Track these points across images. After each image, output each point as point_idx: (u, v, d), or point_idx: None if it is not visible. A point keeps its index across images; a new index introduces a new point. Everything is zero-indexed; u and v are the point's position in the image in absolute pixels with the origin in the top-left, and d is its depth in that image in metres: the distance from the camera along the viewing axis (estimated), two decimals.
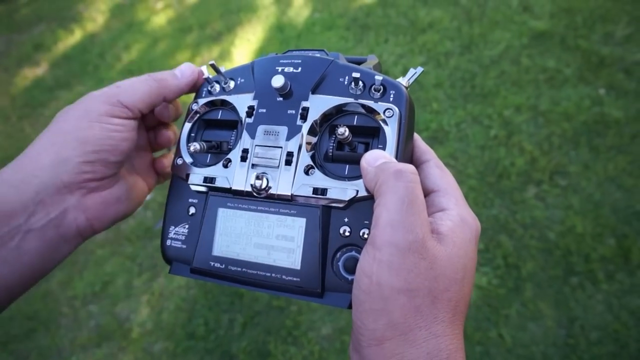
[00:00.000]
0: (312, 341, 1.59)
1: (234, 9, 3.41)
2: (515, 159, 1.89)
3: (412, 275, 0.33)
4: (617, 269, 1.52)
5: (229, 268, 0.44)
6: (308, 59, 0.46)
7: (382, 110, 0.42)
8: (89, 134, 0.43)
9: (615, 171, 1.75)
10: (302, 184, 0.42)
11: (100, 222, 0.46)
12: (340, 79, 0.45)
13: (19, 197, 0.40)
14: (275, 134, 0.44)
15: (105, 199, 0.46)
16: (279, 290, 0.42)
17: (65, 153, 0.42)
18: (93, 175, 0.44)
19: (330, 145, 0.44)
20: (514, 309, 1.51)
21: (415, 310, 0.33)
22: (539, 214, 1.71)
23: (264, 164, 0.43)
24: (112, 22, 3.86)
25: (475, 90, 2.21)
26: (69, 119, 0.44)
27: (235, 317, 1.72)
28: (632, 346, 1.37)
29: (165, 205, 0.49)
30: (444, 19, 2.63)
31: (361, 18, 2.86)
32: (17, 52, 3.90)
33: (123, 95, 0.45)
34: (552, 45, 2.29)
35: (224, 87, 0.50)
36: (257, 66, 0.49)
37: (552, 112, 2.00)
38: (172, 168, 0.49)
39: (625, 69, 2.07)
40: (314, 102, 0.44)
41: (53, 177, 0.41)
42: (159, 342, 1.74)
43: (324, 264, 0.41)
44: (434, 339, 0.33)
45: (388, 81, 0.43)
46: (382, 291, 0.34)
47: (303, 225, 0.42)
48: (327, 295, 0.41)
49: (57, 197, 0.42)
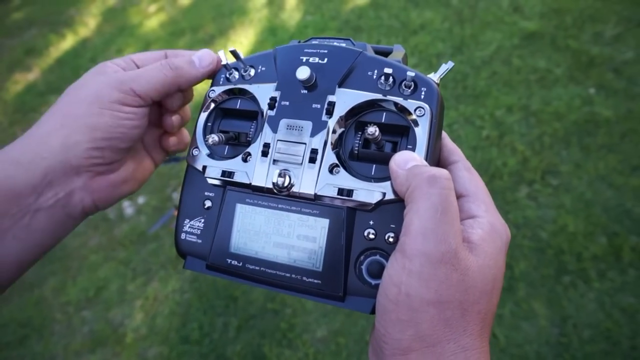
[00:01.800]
0: (307, 343, 1.59)
1: (227, 12, 3.41)
2: (507, 159, 1.90)
3: (443, 287, 0.32)
4: (608, 267, 1.53)
5: (246, 266, 0.42)
6: (335, 50, 0.44)
7: (414, 109, 0.40)
8: (100, 121, 0.43)
9: (606, 170, 1.77)
10: (326, 184, 0.40)
11: (105, 202, 0.47)
12: (369, 73, 0.42)
13: (28, 178, 0.40)
14: (299, 129, 0.42)
15: (112, 181, 0.46)
16: (299, 291, 0.41)
17: (75, 137, 0.42)
18: (102, 160, 0.44)
19: (356, 143, 0.42)
20: (507, 309, 1.52)
21: (445, 322, 0.32)
22: (531, 213, 1.72)
23: (286, 160, 0.42)
24: (104, 26, 3.85)
25: (467, 91, 2.22)
26: (80, 102, 0.43)
27: (229, 320, 1.72)
28: (624, 344, 1.38)
29: (180, 197, 0.47)
30: (435, 20, 2.65)
31: (353, 20, 2.87)
32: (8, 57, 3.88)
33: (136, 84, 0.44)
34: (542, 45, 2.30)
35: (244, 75, 0.47)
36: (279, 54, 0.46)
37: (543, 112, 2.01)
38: (188, 158, 0.47)
39: (615, 68, 2.09)
40: (341, 96, 0.42)
41: (62, 161, 0.41)
42: (153, 347, 1.73)
43: (347, 267, 0.39)
44: (462, 352, 0.32)
45: (420, 77, 0.41)
46: (411, 302, 0.33)
47: (326, 226, 0.40)
48: (348, 300, 0.39)
49: (65, 179, 0.42)
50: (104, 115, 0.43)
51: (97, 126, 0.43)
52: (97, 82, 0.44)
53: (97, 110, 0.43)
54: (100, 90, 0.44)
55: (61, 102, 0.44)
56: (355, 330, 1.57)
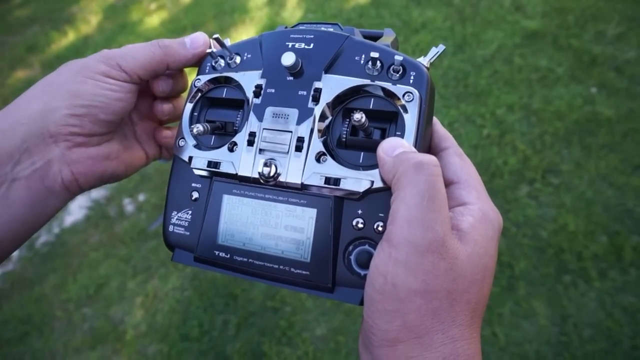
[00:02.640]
0: (306, 341, 1.59)
1: (228, 10, 3.41)
2: (508, 157, 1.90)
3: (430, 277, 0.32)
4: (609, 266, 1.53)
5: (234, 258, 0.41)
6: (321, 34, 0.43)
7: (402, 94, 0.39)
8: (81, 87, 0.42)
9: (607, 169, 1.76)
10: (313, 173, 0.39)
11: (85, 177, 0.45)
12: (356, 58, 0.41)
13: (5, 144, 0.40)
14: (284, 117, 0.41)
15: (92, 154, 0.45)
16: (287, 283, 0.40)
17: (54, 103, 0.41)
18: (80, 130, 0.43)
19: (344, 130, 0.41)
20: (508, 308, 1.52)
21: (432, 313, 0.32)
22: (531, 212, 1.71)
23: (273, 149, 0.41)
24: (105, 24, 3.85)
25: (468, 89, 2.21)
26: (64, 72, 0.43)
27: (229, 318, 1.72)
28: (624, 343, 1.38)
29: (167, 189, 0.46)
30: (437, 19, 2.64)
31: (355, 19, 2.86)
32: (10, 54, 3.88)
33: (122, 59, 0.44)
34: (544, 44, 2.30)
35: (229, 62, 0.46)
36: (265, 41, 0.45)
37: (545, 111, 2.01)
38: (174, 149, 0.46)
39: (617, 67, 2.08)
40: (327, 82, 0.41)
41: (40, 127, 0.41)
42: (153, 344, 1.73)
43: (335, 258, 0.39)
44: (450, 343, 0.32)
45: (408, 61, 0.40)
46: (397, 292, 0.32)
47: (314, 216, 0.39)
48: (337, 290, 0.39)
49: (43, 146, 0.41)
50: (87, 83, 0.42)
51: (78, 93, 0.42)
52: (85, 58, 0.45)
53: (81, 79, 0.43)
54: (87, 62, 0.44)
55: (47, 76, 0.44)
56: (354, 329, 1.57)
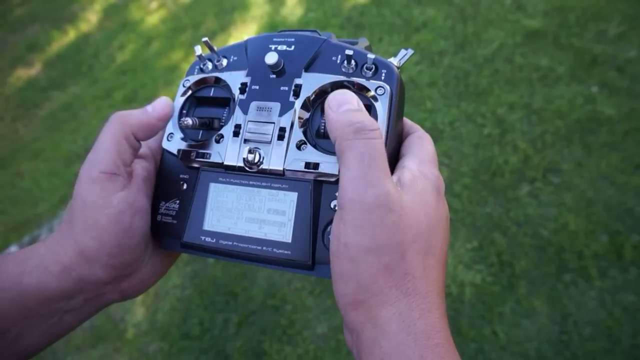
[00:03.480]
0: (307, 340, 1.59)
1: (228, 8, 3.41)
2: (508, 157, 1.90)
3: (378, 231, 0.32)
4: (609, 265, 1.53)
5: (219, 242, 0.43)
6: (301, 38, 0.47)
7: (374, 88, 0.42)
8: (103, 234, 0.40)
9: (608, 168, 1.76)
10: (294, 159, 0.42)
11: (132, 295, 0.46)
12: (332, 58, 0.45)
13: (59, 285, 0.40)
14: (268, 110, 0.44)
15: (142, 278, 0.45)
16: (270, 263, 0.42)
17: (89, 254, 0.41)
18: (121, 264, 0.43)
19: (322, 122, 0.44)
20: (508, 306, 1.52)
21: (384, 269, 0.32)
22: (532, 211, 1.72)
23: (257, 139, 0.44)
24: (106, 22, 3.85)
25: (469, 88, 2.21)
26: (75, 215, 0.42)
27: (230, 316, 1.72)
28: (624, 342, 1.38)
29: (156, 181, 0.48)
30: (437, 18, 2.64)
31: (355, 17, 2.86)
32: (10, 53, 3.88)
33: (100, 164, 0.41)
34: (545, 43, 2.30)
35: (217, 64, 0.49)
36: (250, 44, 0.49)
37: (546, 110, 2.01)
38: (163, 143, 0.48)
39: (618, 66, 2.08)
40: (307, 79, 0.44)
41: (88, 274, 0.41)
42: (154, 343, 1.73)
43: (315, 237, 0.41)
44: (404, 298, 0.32)
45: (380, 60, 0.43)
46: (349, 252, 0.33)
47: (294, 199, 0.42)
48: (317, 268, 0.41)
49: (94, 286, 0.42)
50: (100, 221, 0.41)
51: (102, 239, 0.41)
52: (78, 182, 0.43)
53: (93, 221, 0.41)
54: (82, 191, 0.42)
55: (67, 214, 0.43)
56: None
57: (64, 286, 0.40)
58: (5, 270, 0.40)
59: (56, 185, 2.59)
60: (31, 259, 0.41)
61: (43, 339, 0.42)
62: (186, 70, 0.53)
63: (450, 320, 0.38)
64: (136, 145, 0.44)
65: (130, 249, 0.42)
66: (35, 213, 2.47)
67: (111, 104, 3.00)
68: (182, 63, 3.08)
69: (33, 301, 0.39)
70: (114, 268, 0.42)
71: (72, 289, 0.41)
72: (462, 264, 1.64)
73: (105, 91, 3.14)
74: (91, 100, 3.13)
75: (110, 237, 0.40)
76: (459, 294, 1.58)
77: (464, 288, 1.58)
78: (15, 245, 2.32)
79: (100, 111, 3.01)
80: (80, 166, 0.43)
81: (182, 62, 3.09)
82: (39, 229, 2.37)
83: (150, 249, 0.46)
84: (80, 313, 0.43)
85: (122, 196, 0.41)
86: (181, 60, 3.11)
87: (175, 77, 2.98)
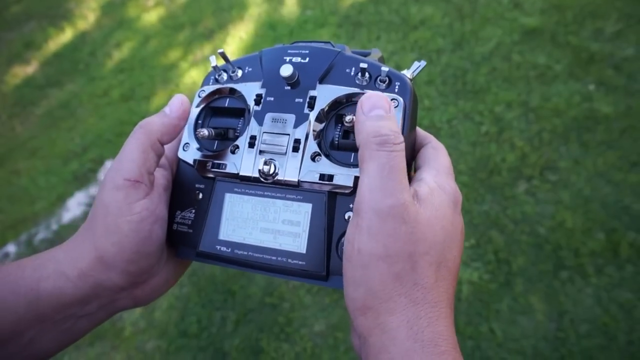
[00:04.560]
0: (304, 338, 1.59)
1: (226, 6, 3.40)
2: (506, 154, 1.90)
3: (391, 240, 0.33)
4: (606, 262, 1.54)
5: (234, 252, 0.44)
6: (316, 50, 0.47)
7: None
8: (123, 240, 0.41)
9: (605, 166, 1.77)
10: (308, 170, 0.42)
11: (145, 302, 0.47)
12: (347, 70, 0.45)
13: (76, 291, 0.41)
14: (282, 121, 0.45)
15: (154, 286, 0.46)
16: (285, 273, 0.43)
17: (108, 259, 0.41)
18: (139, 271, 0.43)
19: (336, 134, 0.44)
20: (505, 304, 1.52)
21: (395, 277, 0.33)
22: (529, 209, 1.72)
23: (272, 151, 0.44)
24: (103, 20, 3.84)
25: (467, 86, 2.22)
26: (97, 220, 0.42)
27: (227, 314, 1.72)
28: (620, 339, 1.38)
29: (172, 190, 0.49)
30: (435, 15, 2.64)
31: (353, 15, 2.86)
32: (7, 50, 3.87)
33: (125, 171, 0.42)
34: (542, 41, 2.30)
35: (232, 75, 0.50)
36: (265, 56, 0.49)
37: (543, 108, 2.01)
38: (179, 154, 0.49)
39: (615, 64, 2.09)
40: (321, 91, 0.45)
41: (105, 279, 0.42)
42: (151, 341, 1.73)
43: (329, 248, 0.41)
44: (412, 306, 0.33)
45: (393, 73, 0.44)
46: (362, 258, 0.33)
47: (309, 210, 0.42)
48: (332, 279, 0.41)
49: (110, 292, 0.43)
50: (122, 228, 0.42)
51: (122, 244, 0.42)
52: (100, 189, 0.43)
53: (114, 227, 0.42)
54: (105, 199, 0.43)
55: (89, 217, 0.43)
56: None
57: (80, 292, 0.41)
58: (23, 276, 0.40)
59: (53, 183, 2.58)
60: (48, 264, 0.41)
61: (56, 344, 0.42)
62: (184, 68, 0.53)
63: None
64: (161, 151, 0.45)
65: (148, 256, 0.43)
66: (32, 211, 2.46)
67: (108, 102, 3.00)
68: (180, 61, 3.07)
69: (49, 306, 0.40)
70: (130, 274, 0.42)
71: (88, 295, 0.41)
72: None
73: (103, 89, 3.13)
74: (88, 98, 3.13)
75: (130, 243, 0.41)
76: (456, 291, 1.57)
77: (461, 285, 1.59)
78: (12, 244, 2.32)
79: (97, 109, 3.00)
80: (104, 173, 0.43)
81: (180, 60, 3.08)
82: (36, 227, 2.37)
83: (165, 257, 0.47)
84: (93, 318, 0.44)
85: (145, 204, 0.42)
86: (179, 58, 3.11)
87: (173, 75, 2.97)
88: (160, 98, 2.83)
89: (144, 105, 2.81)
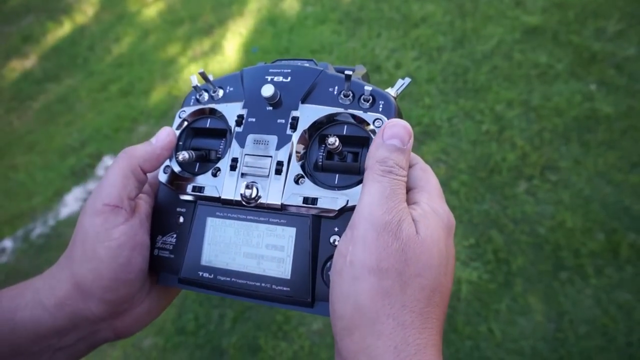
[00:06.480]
0: (302, 336, 1.59)
1: (226, 1, 3.38)
2: (506, 154, 1.89)
3: (383, 255, 0.33)
4: (606, 263, 1.53)
5: (217, 278, 0.43)
6: (297, 69, 0.46)
7: (372, 120, 0.42)
8: (100, 266, 0.40)
9: (605, 166, 1.76)
10: (292, 194, 0.42)
11: (127, 334, 0.46)
12: (329, 89, 0.45)
13: (53, 321, 0.40)
14: (265, 143, 0.44)
15: (137, 317, 0.45)
16: (269, 300, 0.42)
17: (85, 286, 0.41)
18: (117, 300, 0.42)
19: (320, 155, 0.43)
20: (504, 304, 1.52)
21: (384, 293, 0.32)
22: (529, 209, 1.71)
23: (254, 173, 0.43)
24: (102, 14, 3.81)
25: (468, 85, 2.21)
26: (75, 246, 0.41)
27: (225, 312, 1.72)
28: (619, 340, 1.38)
29: (152, 215, 0.47)
30: (436, 13, 2.62)
31: (354, 12, 2.84)
32: (5, 44, 3.84)
33: (105, 196, 0.41)
34: (544, 40, 2.29)
35: (213, 95, 0.49)
36: (246, 75, 0.48)
37: (544, 108, 2.00)
38: (159, 176, 0.48)
39: (617, 64, 2.08)
40: (304, 111, 0.44)
41: (83, 309, 0.41)
42: (148, 338, 1.72)
43: (314, 274, 0.41)
44: (401, 330, 0.32)
45: (377, 92, 0.43)
46: (353, 270, 0.33)
47: (293, 234, 0.41)
48: (317, 305, 0.40)
49: (89, 323, 0.42)
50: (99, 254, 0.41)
51: (99, 272, 0.41)
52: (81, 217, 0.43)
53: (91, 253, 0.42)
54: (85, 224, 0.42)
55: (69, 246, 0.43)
56: None
57: (57, 322, 0.40)
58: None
59: (50, 178, 2.57)
60: (26, 292, 0.40)
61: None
62: (183, 63, 0.52)
63: (446, 317, 0.37)
64: (143, 178, 0.44)
65: (127, 284, 0.42)
66: (29, 206, 2.45)
67: (107, 97, 2.98)
68: (179, 56, 3.05)
69: (25, 337, 0.39)
70: (108, 303, 0.41)
71: (65, 325, 0.40)
72: (459, 261, 1.64)
73: (101, 84, 3.11)
74: (87, 93, 3.11)
75: (108, 270, 0.40)
76: (455, 291, 1.57)
77: (461, 285, 1.58)
78: (8, 239, 2.30)
79: (95, 104, 2.99)
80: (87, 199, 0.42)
81: (179, 55, 3.07)
82: (33, 222, 2.35)
83: (147, 287, 0.46)
84: (72, 351, 0.42)
85: (123, 229, 0.41)
86: (178, 53, 3.09)
87: (172, 70, 2.95)
88: (159, 93, 2.81)
89: (143, 100, 2.79)
